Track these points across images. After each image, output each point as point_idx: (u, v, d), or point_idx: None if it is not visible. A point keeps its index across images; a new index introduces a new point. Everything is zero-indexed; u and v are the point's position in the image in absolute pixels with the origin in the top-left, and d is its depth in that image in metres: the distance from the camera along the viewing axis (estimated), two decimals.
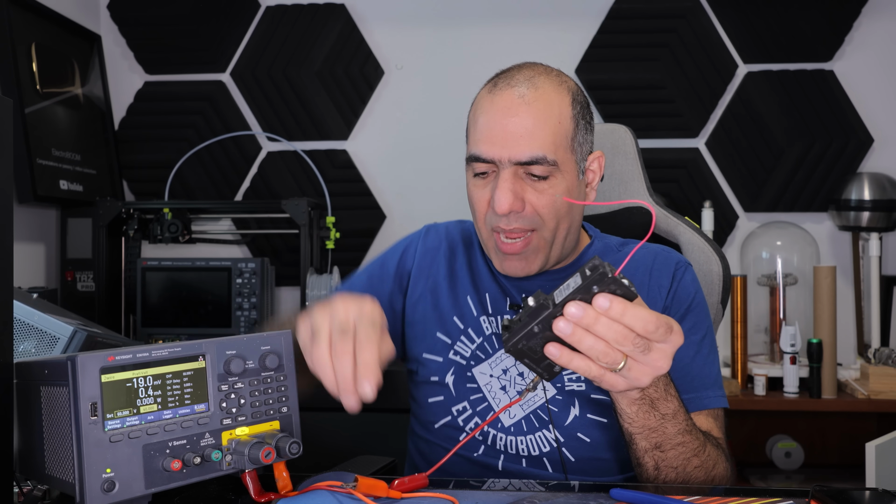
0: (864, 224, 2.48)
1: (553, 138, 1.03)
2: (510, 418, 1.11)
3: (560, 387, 1.10)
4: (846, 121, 2.62)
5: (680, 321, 1.09)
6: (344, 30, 2.74)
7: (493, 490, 0.92)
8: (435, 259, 1.21)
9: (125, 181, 2.81)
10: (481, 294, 1.16)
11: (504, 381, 1.11)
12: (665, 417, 0.91)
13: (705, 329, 1.12)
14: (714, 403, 1.08)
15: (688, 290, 1.12)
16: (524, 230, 1.05)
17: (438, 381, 1.14)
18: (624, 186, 1.44)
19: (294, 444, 0.84)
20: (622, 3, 2.68)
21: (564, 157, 1.05)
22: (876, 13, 2.63)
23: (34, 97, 2.35)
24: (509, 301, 1.14)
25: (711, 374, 1.10)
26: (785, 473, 2.46)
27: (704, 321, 1.12)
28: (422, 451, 1.19)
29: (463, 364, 1.14)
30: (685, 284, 1.12)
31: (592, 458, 1.10)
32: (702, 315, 1.12)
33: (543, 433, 1.10)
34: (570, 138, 1.06)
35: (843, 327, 2.53)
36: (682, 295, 1.12)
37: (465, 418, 1.12)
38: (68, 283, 2.47)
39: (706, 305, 1.14)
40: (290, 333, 0.90)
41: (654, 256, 1.15)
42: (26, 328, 1.02)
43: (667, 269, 1.13)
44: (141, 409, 0.79)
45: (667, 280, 1.12)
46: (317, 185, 2.73)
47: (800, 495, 0.87)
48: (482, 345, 1.14)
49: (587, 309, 0.75)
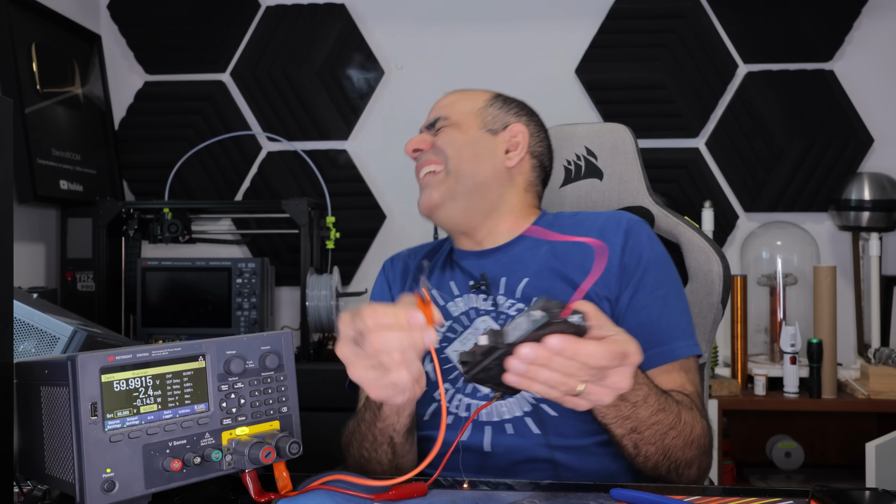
0: (864, 224, 2.48)
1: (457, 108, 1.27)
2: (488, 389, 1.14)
3: None
4: (846, 121, 2.62)
5: (641, 279, 1.12)
6: (344, 30, 2.74)
7: (494, 490, 0.92)
8: (403, 279, 1.30)
9: (125, 181, 2.81)
10: (445, 283, 1.24)
11: None
12: (636, 405, 0.94)
13: (669, 282, 1.14)
14: (685, 352, 1.10)
15: (643, 247, 1.14)
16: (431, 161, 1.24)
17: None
18: (624, 186, 1.45)
19: (294, 444, 0.84)
20: (622, 3, 2.68)
21: (464, 118, 1.26)
22: (876, 13, 2.63)
23: (34, 97, 2.35)
24: (471, 281, 1.21)
25: (681, 325, 1.12)
26: (785, 473, 2.46)
27: (667, 274, 1.14)
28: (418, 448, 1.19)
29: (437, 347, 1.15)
30: (640, 242, 1.15)
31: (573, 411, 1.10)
32: (664, 269, 1.14)
33: (523, 393, 1.10)
34: (474, 111, 1.27)
35: (843, 327, 2.53)
36: (637, 252, 1.14)
37: (448, 398, 1.14)
38: (68, 283, 2.47)
39: (668, 259, 1.17)
40: (289, 333, 0.91)
41: (604, 219, 1.19)
42: (26, 328, 1.02)
43: (617, 228, 1.16)
44: (141, 409, 0.79)
45: (618, 238, 1.15)
46: (317, 185, 2.73)
47: (800, 495, 0.87)
48: (451, 326, 1.19)
49: (539, 349, 0.76)
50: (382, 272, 1.33)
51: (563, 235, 0.95)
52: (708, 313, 1.34)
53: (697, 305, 1.34)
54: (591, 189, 1.47)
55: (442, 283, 1.25)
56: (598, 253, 0.80)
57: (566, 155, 1.49)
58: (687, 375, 1.10)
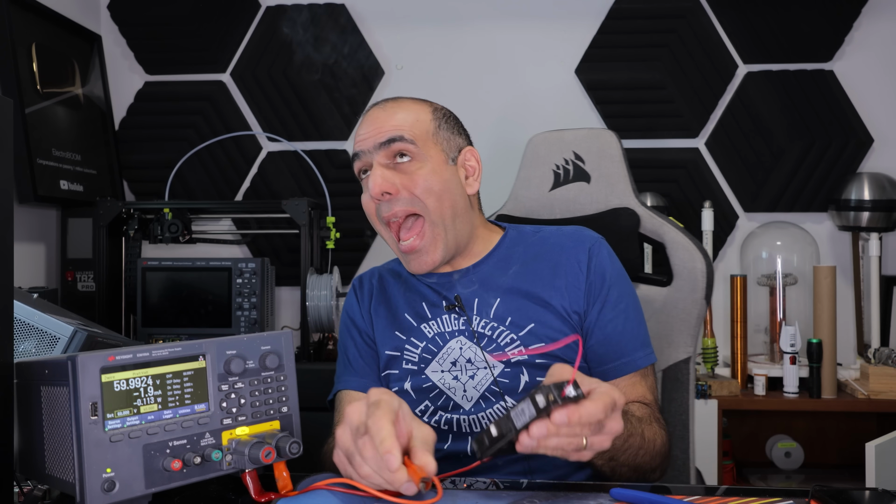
0: (863, 224, 2.48)
1: (411, 125, 1.19)
2: (468, 401, 1.18)
3: (506, 360, 1.17)
4: (846, 121, 2.62)
5: (606, 295, 1.20)
6: (344, 30, 2.74)
7: (493, 490, 0.92)
8: (373, 297, 1.32)
9: (125, 181, 2.81)
10: (417, 305, 1.26)
11: (455, 372, 1.19)
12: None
13: (627, 296, 1.23)
14: (644, 362, 1.20)
15: (604, 265, 1.22)
16: (407, 212, 1.18)
17: (398, 390, 1.22)
18: (611, 189, 1.51)
19: (294, 444, 0.84)
20: (622, 4, 2.68)
21: (425, 143, 1.19)
22: (876, 13, 2.63)
23: (34, 97, 2.35)
24: (445, 302, 1.23)
25: (640, 336, 1.22)
26: (785, 473, 2.46)
27: (625, 288, 1.23)
28: None
29: (415, 369, 1.22)
30: (602, 260, 1.22)
31: None
32: (622, 284, 1.23)
33: (501, 404, 1.17)
34: (430, 132, 1.20)
35: (842, 327, 2.53)
36: (600, 270, 1.21)
37: (428, 415, 1.20)
38: (68, 283, 2.47)
39: (624, 273, 1.25)
40: (289, 333, 0.91)
41: (566, 237, 1.25)
42: (27, 328, 1.02)
43: (581, 246, 1.23)
44: (141, 409, 0.80)
45: (584, 255, 1.22)
46: (317, 185, 2.73)
47: (800, 495, 0.87)
48: (427, 347, 1.22)
49: (548, 426, 0.83)
50: (353, 291, 1.35)
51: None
52: (693, 309, 1.41)
53: (682, 302, 1.41)
54: (579, 192, 1.52)
55: (414, 304, 1.26)
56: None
57: (555, 160, 1.55)
58: (647, 383, 1.20)
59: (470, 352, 1.19)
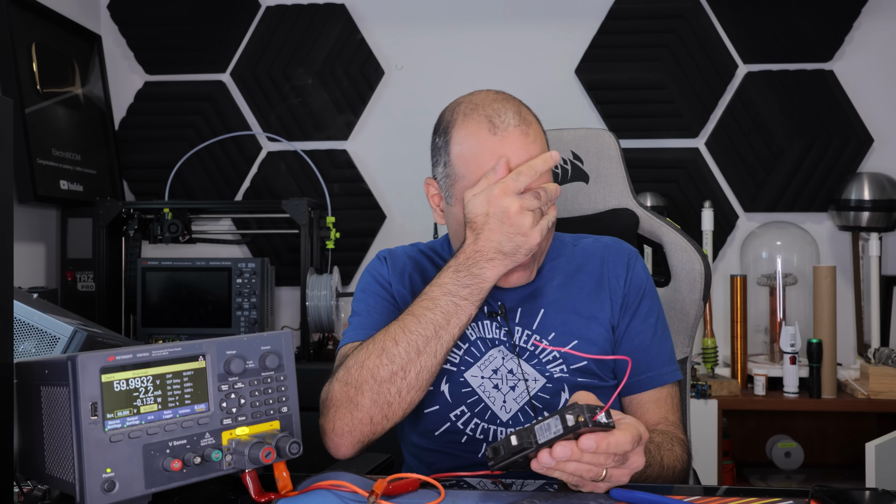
0: (863, 224, 2.48)
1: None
2: (506, 413, 1.14)
3: (548, 376, 1.14)
4: (846, 121, 2.62)
5: (637, 306, 1.20)
6: (344, 30, 2.75)
7: (494, 490, 0.92)
8: (403, 279, 1.23)
9: (125, 181, 2.81)
10: None
11: (496, 381, 1.15)
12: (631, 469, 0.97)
13: (657, 311, 1.22)
14: (670, 378, 1.19)
15: (641, 278, 1.22)
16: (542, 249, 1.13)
17: (433, 390, 1.17)
18: (609, 189, 1.51)
19: (294, 444, 0.84)
20: (622, 4, 2.68)
21: None
22: (876, 13, 2.63)
23: (34, 97, 2.35)
24: (486, 308, 1.17)
25: (667, 352, 1.21)
26: (785, 473, 2.46)
27: (656, 304, 1.23)
28: (423, 459, 1.20)
29: (454, 371, 1.17)
30: (638, 273, 1.22)
31: None
32: (654, 299, 1.23)
33: None
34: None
35: (842, 327, 2.53)
36: (637, 283, 1.21)
37: (463, 421, 1.15)
38: (68, 283, 2.47)
39: (655, 288, 1.25)
40: (289, 333, 0.91)
41: (606, 248, 1.24)
42: (26, 328, 1.02)
43: (620, 259, 1.22)
44: (141, 409, 0.79)
45: (622, 269, 1.21)
46: (317, 185, 2.73)
47: (800, 495, 0.87)
48: (469, 349, 1.17)
49: (573, 449, 0.82)
50: (382, 262, 1.26)
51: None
52: (690, 309, 1.42)
53: (680, 303, 1.42)
54: (578, 192, 1.52)
55: None
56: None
57: None
58: (671, 401, 1.19)
59: (512, 363, 1.15)
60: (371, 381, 1.04)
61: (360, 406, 1.04)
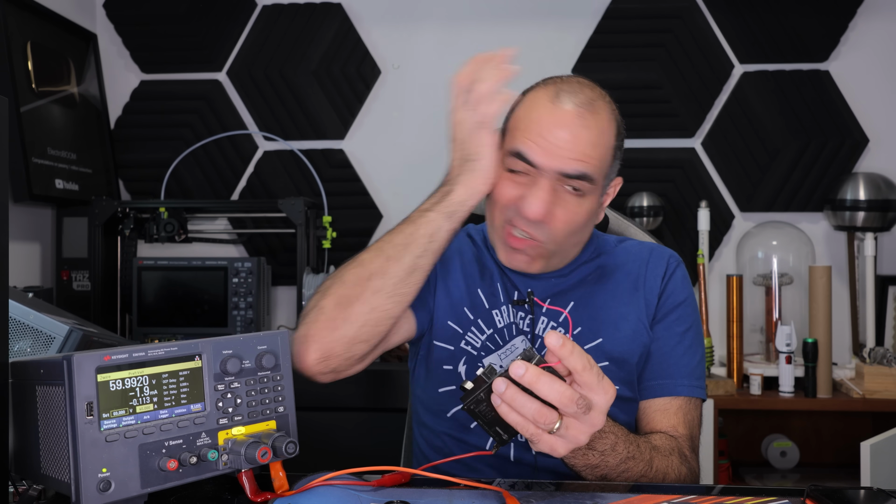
0: (859, 224, 2.49)
1: (599, 163, 1.08)
2: None
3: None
4: (842, 121, 2.62)
5: (667, 313, 1.17)
6: (340, 29, 2.74)
7: (493, 490, 0.92)
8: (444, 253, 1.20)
9: (121, 180, 2.81)
10: (493, 287, 1.19)
11: None
12: (604, 453, 0.94)
13: (690, 322, 1.18)
14: (685, 392, 1.14)
15: (677, 285, 1.19)
16: (538, 239, 1.09)
17: (450, 370, 1.16)
18: None
19: (290, 444, 0.84)
20: (618, 3, 2.69)
21: (599, 181, 1.10)
22: (871, 14, 2.64)
23: (30, 96, 2.34)
24: (517, 295, 1.17)
25: (689, 365, 1.16)
26: (780, 473, 2.47)
27: (691, 315, 1.19)
28: (432, 443, 1.20)
29: (474, 354, 1.16)
30: (676, 280, 1.20)
31: None
32: (689, 310, 1.19)
33: None
34: (608, 166, 1.12)
35: (838, 327, 2.53)
36: (672, 290, 1.19)
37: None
38: (64, 282, 2.46)
39: (694, 301, 1.22)
40: (286, 333, 0.91)
41: (650, 251, 1.22)
42: (22, 327, 1.02)
43: (661, 262, 1.20)
44: (137, 409, 0.79)
45: (661, 272, 1.19)
46: (313, 184, 2.73)
47: (795, 494, 0.87)
48: (492, 336, 1.16)
49: (529, 367, 0.79)
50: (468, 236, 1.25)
51: None
52: None
53: None
54: None
55: (490, 283, 1.19)
56: None
57: None
58: (683, 415, 1.14)
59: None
60: (338, 283, 1.08)
61: (323, 309, 1.06)
